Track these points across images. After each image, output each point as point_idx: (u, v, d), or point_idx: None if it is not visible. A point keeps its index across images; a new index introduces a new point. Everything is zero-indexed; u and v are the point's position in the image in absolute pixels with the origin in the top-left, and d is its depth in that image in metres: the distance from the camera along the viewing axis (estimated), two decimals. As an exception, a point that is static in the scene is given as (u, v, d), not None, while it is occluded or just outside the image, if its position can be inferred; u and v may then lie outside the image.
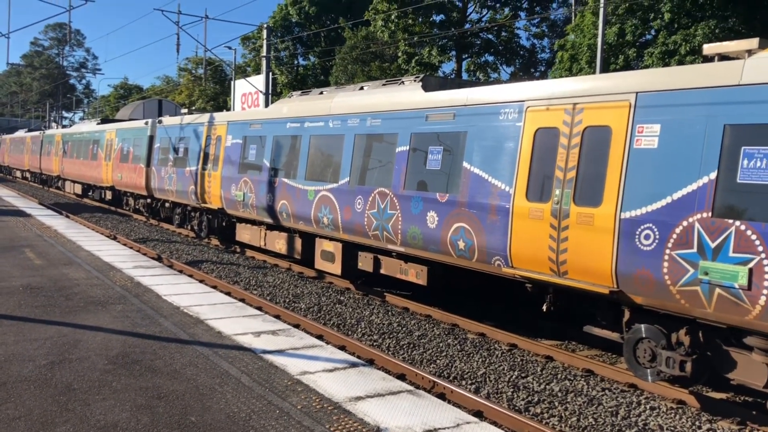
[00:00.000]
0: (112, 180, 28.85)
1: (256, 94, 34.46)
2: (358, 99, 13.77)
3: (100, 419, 5.48)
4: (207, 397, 6.09)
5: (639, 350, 8.37)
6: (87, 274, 12.05)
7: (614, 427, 7.39)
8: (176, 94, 73.59)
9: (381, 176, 12.50)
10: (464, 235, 10.42)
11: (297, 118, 15.51)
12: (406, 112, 12.13)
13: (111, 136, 29.42)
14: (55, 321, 8.60)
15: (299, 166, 15.03)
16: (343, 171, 13.46)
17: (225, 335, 8.35)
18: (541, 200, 9.26)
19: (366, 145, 13.08)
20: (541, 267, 9.22)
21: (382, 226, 12.20)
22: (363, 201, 12.72)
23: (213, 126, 19.79)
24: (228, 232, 19.63)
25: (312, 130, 14.78)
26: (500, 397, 8.26)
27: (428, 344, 10.42)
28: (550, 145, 9.27)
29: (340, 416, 5.79)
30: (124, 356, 7.23)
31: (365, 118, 13.16)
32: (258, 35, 51.27)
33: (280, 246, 16.33)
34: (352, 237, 13.24)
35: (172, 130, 22.98)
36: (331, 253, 14.15)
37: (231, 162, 18.26)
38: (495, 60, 44.38)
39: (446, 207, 10.82)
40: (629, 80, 8.57)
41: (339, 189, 13.51)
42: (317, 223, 14.22)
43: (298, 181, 14.97)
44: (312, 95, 16.01)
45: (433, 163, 11.35)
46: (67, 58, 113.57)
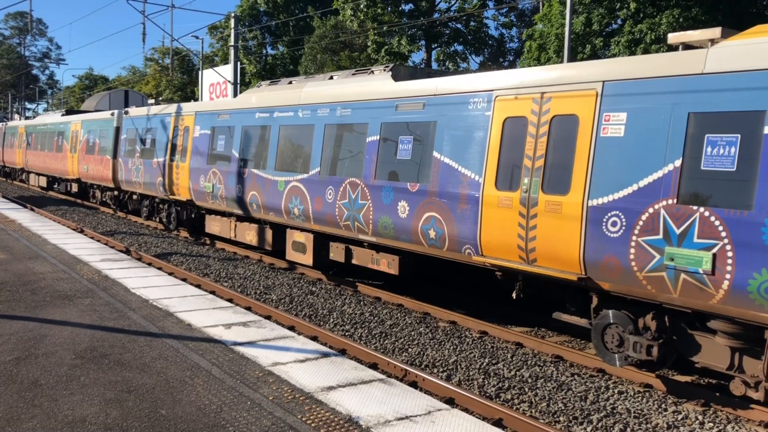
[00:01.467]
0: (78, 172, 28.37)
1: (224, 84, 34.12)
2: (328, 88, 13.64)
3: (68, 414, 5.41)
4: (177, 390, 6.04)
5: (607, 336, 8.46)
6: (53, 268, 11.85)
7: (583, 411, 7.51)
8: (143, 84, 72.55)
9: (352, 166, 12.39)
10: (435, 225, 10.41)
11: (266, 108, 15.32)
12: (376, 102, 12.05)
13: (76, 128, 28.87)
14: (21, 316, 8.45)
15: (269, 156, 14.87)
16: (314, 161, 13.34)
17: (195, 328, 8.28)
18: (510, 189, 9.30)
19: (336, 135, 12.95)
20: (511, 255, 9.28)
21: (353, 216, 12.12)
22: (334, 191, 12.62)
23: (181, 116, 19.41)
24: (197, 223, 19.40)
25: (281, 120, 14.62)
26: (471, 384, 8.34)
27: (400, 333, 10.46)
28: (519, 134, 9.29)
29: (312, 406, 5.79)
30: (93, 350, 7.13)
31: (335, 108, 13.04)
32: (226, 24, 50.73)
33: (250, 237, 16.12)
34: (324, 227, 13.14)
35: (138, 121, 22.56)
36: (302, 244, 14.05)
37: (199, 153, 17.98)
38: (464, 50, 44.52)
39: (417, 196, 10.79)
40: (596, 69, 8.63)
41: (309, 179, 13.39)
42: (288, 214, 14.10)
43: (267, 171, 14.81)
44: (281, 85, 15.85)
45: (403, 152, 11.30)
46: (29, 48, 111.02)
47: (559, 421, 7.27)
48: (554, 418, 7.37)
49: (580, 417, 7.35)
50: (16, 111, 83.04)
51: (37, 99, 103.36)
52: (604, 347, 8.50)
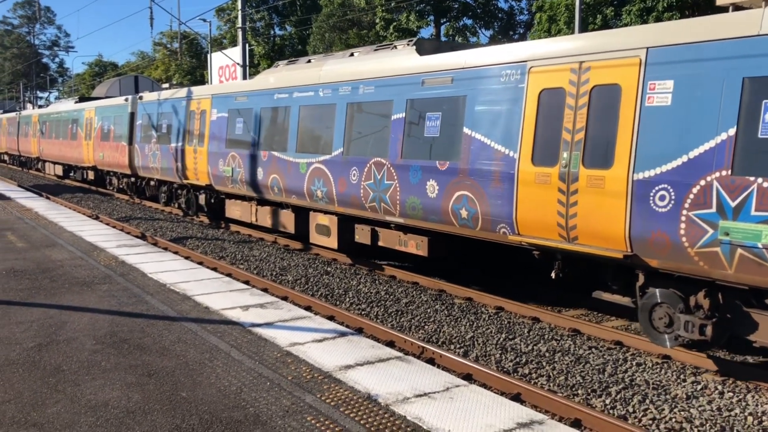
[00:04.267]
0: (93, 159, 28.17)
1: (233, 67, 34.04)
2: (349, 66, 13.24)
3: (90, 399, 5.48)
4: (197, 373, 6.11)
5: (655, 315, 8.06)
6: (71, 255, 11.97)
7: (602, 383, 7.51)
8: (152, 69, 72.58)
9: (376, 146, 12.03)
10: (467, 204, 10.09)
11: (285, 88, 14.96)
12: (400, 78, 11.68)
13: (90, 115, 28.68)
14: (41, 303, 8.55)
15: (289, 138, 14.53)
16: (336, 142, 12.99)
17: (213, 310, 8.35)
18: (548, 164, 8.91)
19: (359, 113, 12.59)
20: (550, 233, 8.94)
21: (379, 197, 11.84)
22: (358, 172, 12.32)
23: (197, 100, 19.11)
24: (217, 208, 19.08)
25: (301, 101, 14.26)
26: (489, 360, 8.36)
27: (416, 311, 10.49)
28: (556, 106, 8.89)
29: (330, 385, 5.83)
30: (112, 335, 7.21)
31: (357, 86, 12.65)
32: (233, 6, 50.49)
33: (272, 221, 15.84)
34: (348, 210, 12.88)
35: (153, 105, 22.27)
36: (326, 227, 13.78)
37: (217, 137, 17.66)
38: (473, 23, 44.06)
39: (447, 175, 10.45)
40: (639, 35, 8.18)
41: (332, 161, 13.06)
42: (311, 197, 13.82)
43: (288, 154, 14.50)
44: (299, 64, 15.46)
45: (431, 129, 10.91)
46: (38, 37, 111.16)
47: (578, 394, 7.29)
48: (572, 391, 7.38)
49: (599, 389, 7.35)
50: (28, 100, 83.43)
51: (48, 87, 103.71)
52: (651, 327, 8.14)
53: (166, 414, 5.20)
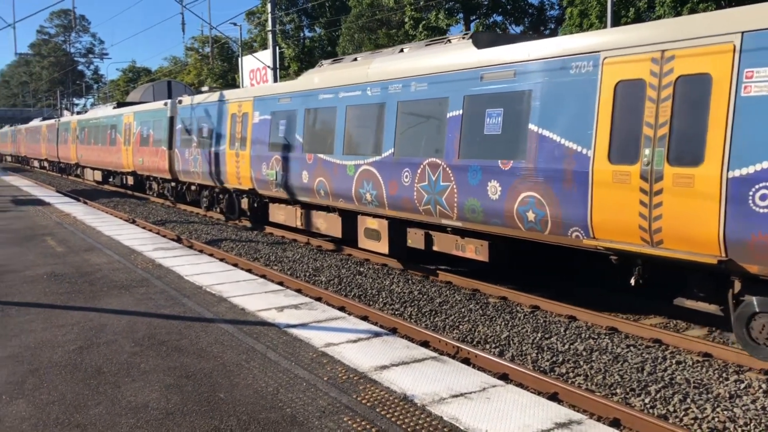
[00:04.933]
0: (133, 165, 28.09)
1: (264, 70, 34.30)
2: (399, 63, 12.65)
3: (131, 400, 5.57)
4: (234, 374, 6.17)
5: (755, 326, 7.50)
6: (108, 259, 12.18)
7: (640, 382, 7.39)
8: (185, 74, 73.55)
9: (431, 145, 11.46)
10: (534, 206, 9.47)
11: (330, 88, 14.45)
12: (457, 74, 11.05)
13: (129, 120, 28.59)
14: (81, 307, 8.72)
15: (336, 139, 14.03)
16: (386, 142, 12.47)
17: (248, 312, 8.42)
18: (627, 162, 8.31)
19: (411, 112, 12.05)
20: (630, 237, 8.33)
21: (434, 199, 11.30)
22: (411, 174, 11.79)
23: (238, 103, 18.73)
24: (260, 213, 18.70)
25: (348, 100, 13.73)
26: (525, 360, 8.29)
27: (450, 310, 10.45)
28: (636, 99, 8.26)
29: (366, 386, 5.84)
30: (151, 338, 7.32)
31: (409, 83, 12.09)
32: (262, 9, 50.89)
33: (318, 226, 15.41)
34: (400, 213, 12.39)
35: (193, 109, 22.00)
36: (375, 231, 13.27)
37: (260, 140, 17.26)
38: (503, 20, 43.75)
39: (510, 175, 9.84)
40: (732, 19, 7.51)
41: (382, 162, 12.56)
42: (359, 200, 13.36)
43: (335, 156, 14.01)
44: (345, 63, 14.93)
45: (491, 127, 10.25)
46: (74, 45, 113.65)
47: (616, 393, 7.18)
48: (611, 390, 7.28)
49: (638, 389, 7.24)
50: (65, 107, 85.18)
51: (84, 94, 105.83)
52: (750, 339, 7.59)
53: (204, 415, 5.26)
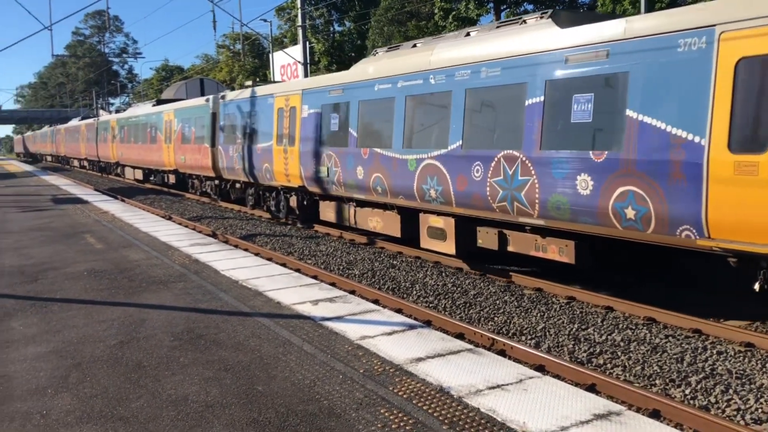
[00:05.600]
0: (174, 163, 27.69)
1: (294, 65, 34.47)
2: (467, 48, 11.68)
3: (171, 393, 5.67)
4: (272, 367, 6.23)
5: None
6: (146, 255, 12.39)
7: (680, 373, 7.28)
8: (216, 71, 74.23)
9: (506, 136, 10.55)
10: (634, 201, 8.58)
11: (387, 78, 13.57)
12: (536, 56, 10.12)
13: (169, 117, 28.17)
14: (121, 302, 8.89)
15: (395, 132, 13.21)
16: (454, 134, 11.60)
17: (284, 305, 8.50)
18: (753, 151, 7.32)
19: (482, 100, 11.12)
20: (758, 237, 7.42)
21: (511, 195, 10.41)
22: (483, 167, 10.90)
23: (285, 96, 17.97)
24: (309, 211, 17.97)
25: (408, 90, 12.90)
26: (561, 351, 8.22)
27: (484, 302, 10.41)
28: (763, 78, 7.32)
29: (402, 378, 5.85)
30: (189, 332, 7.43)
31: (479, 70, 11.16)
32: (292, 5, 51.09)
33: (374, 224, 14.69)
34: (469, 210, 11.53)
35: (236, 105, 21.26)
36: (440, 230, 12.42)
37: (309, 135, 16.50)
38: (534, 9, 43.23)
39: (604, 168, 8.94)
40: None
41: (449, 156, 11.68)
42: (421, 197, 12.55)
43: (394, 150, 13.21)
44: (403, 50, 13.99)
45: (580, 114, 9.32)
46: (108, 45, 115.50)
47: (655, 384, 7.09)
48: (650, 381, 7.19)
49: (677, 379, 7.13)
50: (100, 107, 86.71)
51: (118, 93, 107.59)
52: None
53: (243, 408, 5.33)
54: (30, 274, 10.87)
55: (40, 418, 5.25)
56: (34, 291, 9.69)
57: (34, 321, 8.07)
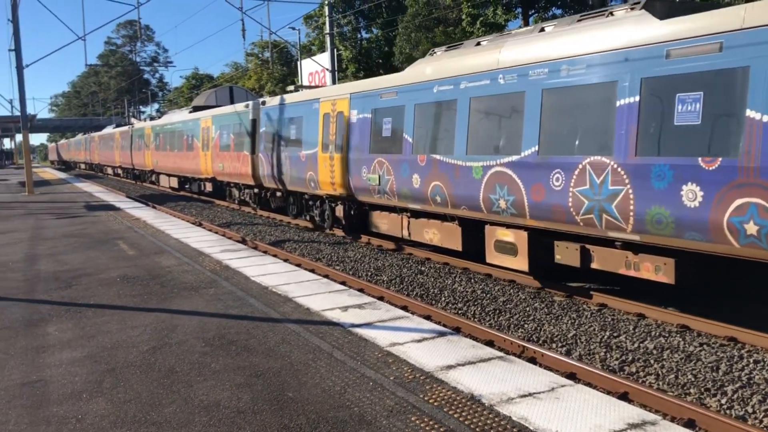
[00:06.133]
0: (212, 171, 27.08)
1: (322, 72, 34.67)
2: (543, 44, 10.75)
3: (203, 399, 5.72)
4: (302, 373, 6.25)
5: None
6: (178, 261, 12.53)
7: (716, 382, 7.15)
8: (245, 79, 74.97)
9: (592, 141, 9.61)
10: (756, 215, 7.62)
11: (448, 78, 12.70)
12: (629, 52, 9.19)
13: (207, 124, 27.59)
14: (153, 308, 9.00)
15: (457, 137, 12.32)
16: (528, 138, 10.69)
17: (314, 311, 8.53)
18: None
19: (561, 101, 10.20)
20: None
21: (599, 207, 9.45)
22: (564, 176, 9.97)
23: (331, 101, 17.18)
24: (357, 221, 17.15)
25: (472, 91, 12.00)
26: (593, 359, 8.13)
27: (514, 309, 10.34)
28: None
29: (432, 385, 5.84)
30: (220, 338, 7.50)
31: (558, 68, 10.26)
32: (320, 13, 51.46)
33: (430, 236, 13.83)
34: (547, 223, 10.58)
35: (278, 110, 20.57)
36: (510, 245, 11.46)
37: (359, 141, 15.72)
38: (563, 13, 42.98)
39: (718, 177, 7.97)
40: None
41: (522, 162, 10.78)
42: (488, 208, 11.62)
43: (456, 156, 12.32)
44: (465, 49, 13.01)
45: (685, 116, 8.37)
46: (139, 54, 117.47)
47: (690, 393, 6.97)
48: (684, 390, 7.07)
49: (713, 388, 7.01)
50: (132, 115, 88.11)
51: (149, 101, 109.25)
52: None
53: (274, 414, 5.35)
54: (65, 280, 11.07)
55: (76, 422, 5.33)
56: (69, 297, 9.86)
57: (69, 326, 8.21)
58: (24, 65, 31.20)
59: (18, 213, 23.31)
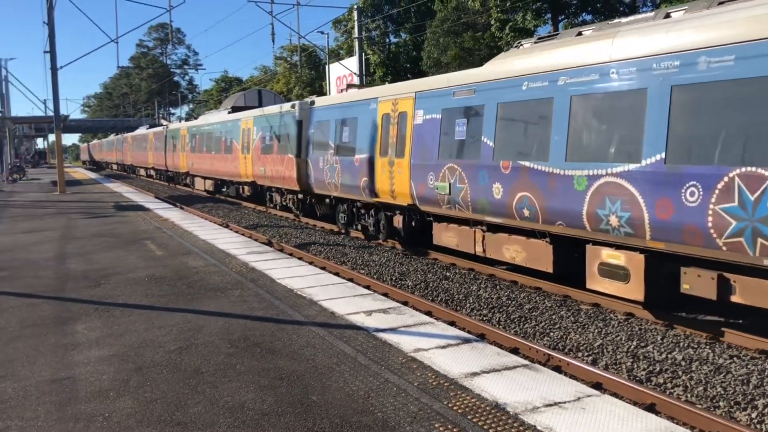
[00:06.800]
0: (252, 174, 25.93)
1: (350, 76, 34.80)
2: (672, 33, 9.11)
3: (228, 400, 5.76)
4: (326, 377, 6.27)
5: None
6: (205, 262, 12.64)
7: (746, 396, 7.02)
8: (274, 83, 75.55)
9: (743, 148, 8.03)
10: None
11: (542, 74, 11.13)
12: None
13: (247, 125, 26.37)
14: (179, 308, 9.09)
15: (553, 141, 10.73)
16: (650, 143, 9.13)
17: (338, 315, 8.54)
18: None
19: (698, 100, 8.62)
20: None
21: (751, 228, 7.88)
22: (701, 190, 8.39)
23: (391, 101, 15.76)
24: (419, 233, 15.73)
25: (574, 89, 10.44)
26: (619, 368, 8.03)
27: (540, 317, 10.26)
28: None
29: (457, 392, 5.81)
30: (245, 339, 7.55)
31: (694, 60, 8.63)
32: (349, 17, 51.67)
33: (512, 254, 12.20)
34: (674, 246, 8.93)
35: (329, 111, 19.17)
36: (621, 269, 9.84)
37: (424, 145, 14.24)
38: (593, 19, 42.65)
39: None
40: None
41: (641, 173, 9.21)
42: (594, 225, 10.04)
43: (551, 163, 10.72)
44: (563, 39, 11.42)
45: None
46: (170, 57, 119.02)
47: (719, 407, 6.85)
48: (713, 403, 6.95)
49: (743, 402, 6.88)
50: (162, 116, 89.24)
51: (179, 104, 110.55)
52: None
53: (298, 417, 5.37)
54: (94, 279, 11.23)
55: (103, 420, 5.40)
56: (98, 295, 10.00)
57: (98, 325, 8.32)
58: (58, 67, 31.79)
59: (50, 212, 23.72)
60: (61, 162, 34.66)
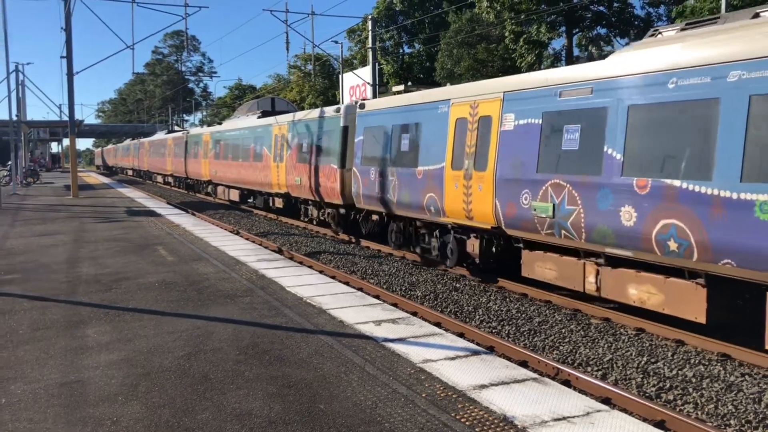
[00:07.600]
0: (286, 185, 23.56)
1: (363, 86, 34.91)
2: None
3: (235, 407, 5.76)
4: (334, 386, 6.26)
5: None
6: (215, 269, 12.68)
7: (758, 414, 6.94)
8: (287, 91, 75.85)
9: None
10: None
11: (698, 69, 8.76)
12: None
13: (281, 131, 24.23)
14: (189, 314, 9.11)
15: (719, 155, 8.35)
16: None
17: (347, 324, 8.53)
18: None
19: None
20: None
21: None
22: None
23: (469, 103, 13.34)
24: (499, 261, 13.46)
25: (755, 86, 8.01)
26: (629, 384, 7.97)
27: (549, 330, 10.21)
28: None
29: (465, 404, 5.78)
30: (254, 346, 7.55)
31: None
32: (363, 27, 51.89)
33: (641, 296, 9.78)
34: None
35: (383, 116, 16.80)
36: None
37: (515, 156, 11.87)
38: (608, 33, 42.64)
39: None
40: None
41: None
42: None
43: (716, 183, 8.33)
44: (728, 24, 9.13)
45: None
46: (185, 64, 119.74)
47: (730, 425, 6.78)
48: (723, 421, 6.88)
49: (755, 421, 6.81)
50: (176, 123, 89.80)
51: (193, 110, 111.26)
52: None
53: (305, 425, 5.36)
54: (105, 283, 11.29)
55: (111, 424, 5.41)
56: (108, 300, 10.05)
57: (108, 329, 8.36)
58: (74, 72, 32.09)
59: (62, 216, 23.89)
60: (75, 166, 34.89)
